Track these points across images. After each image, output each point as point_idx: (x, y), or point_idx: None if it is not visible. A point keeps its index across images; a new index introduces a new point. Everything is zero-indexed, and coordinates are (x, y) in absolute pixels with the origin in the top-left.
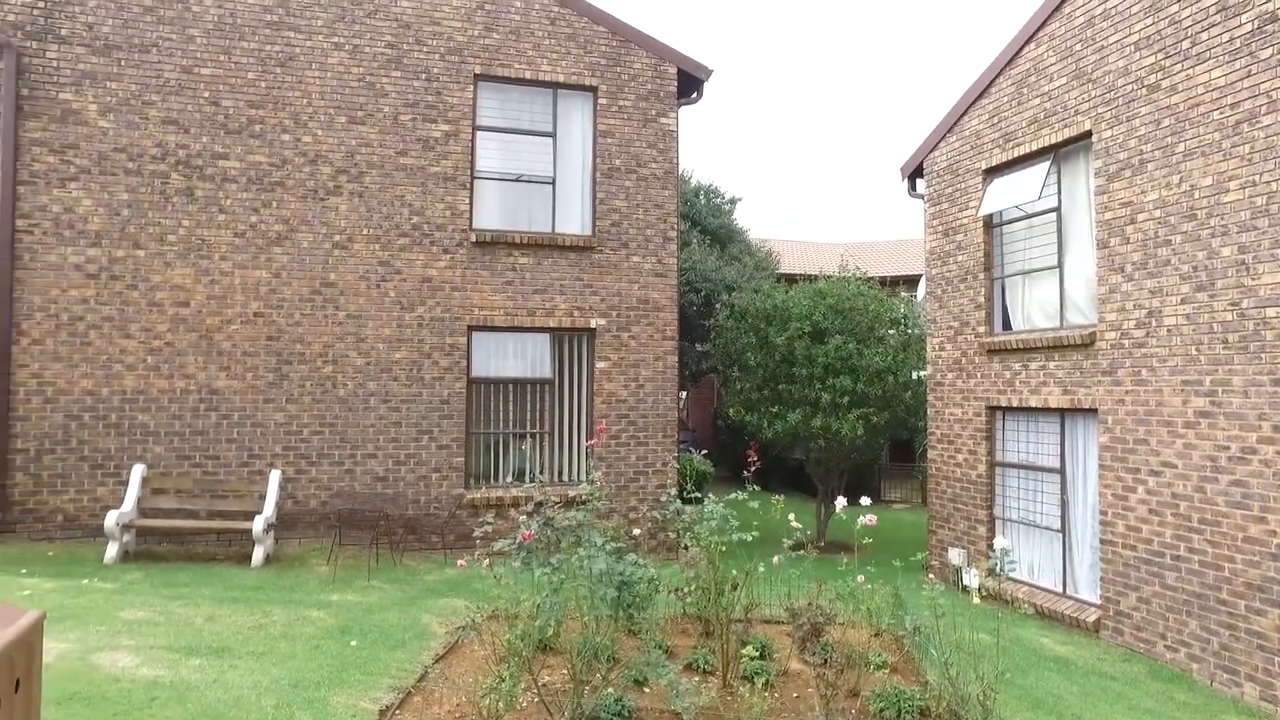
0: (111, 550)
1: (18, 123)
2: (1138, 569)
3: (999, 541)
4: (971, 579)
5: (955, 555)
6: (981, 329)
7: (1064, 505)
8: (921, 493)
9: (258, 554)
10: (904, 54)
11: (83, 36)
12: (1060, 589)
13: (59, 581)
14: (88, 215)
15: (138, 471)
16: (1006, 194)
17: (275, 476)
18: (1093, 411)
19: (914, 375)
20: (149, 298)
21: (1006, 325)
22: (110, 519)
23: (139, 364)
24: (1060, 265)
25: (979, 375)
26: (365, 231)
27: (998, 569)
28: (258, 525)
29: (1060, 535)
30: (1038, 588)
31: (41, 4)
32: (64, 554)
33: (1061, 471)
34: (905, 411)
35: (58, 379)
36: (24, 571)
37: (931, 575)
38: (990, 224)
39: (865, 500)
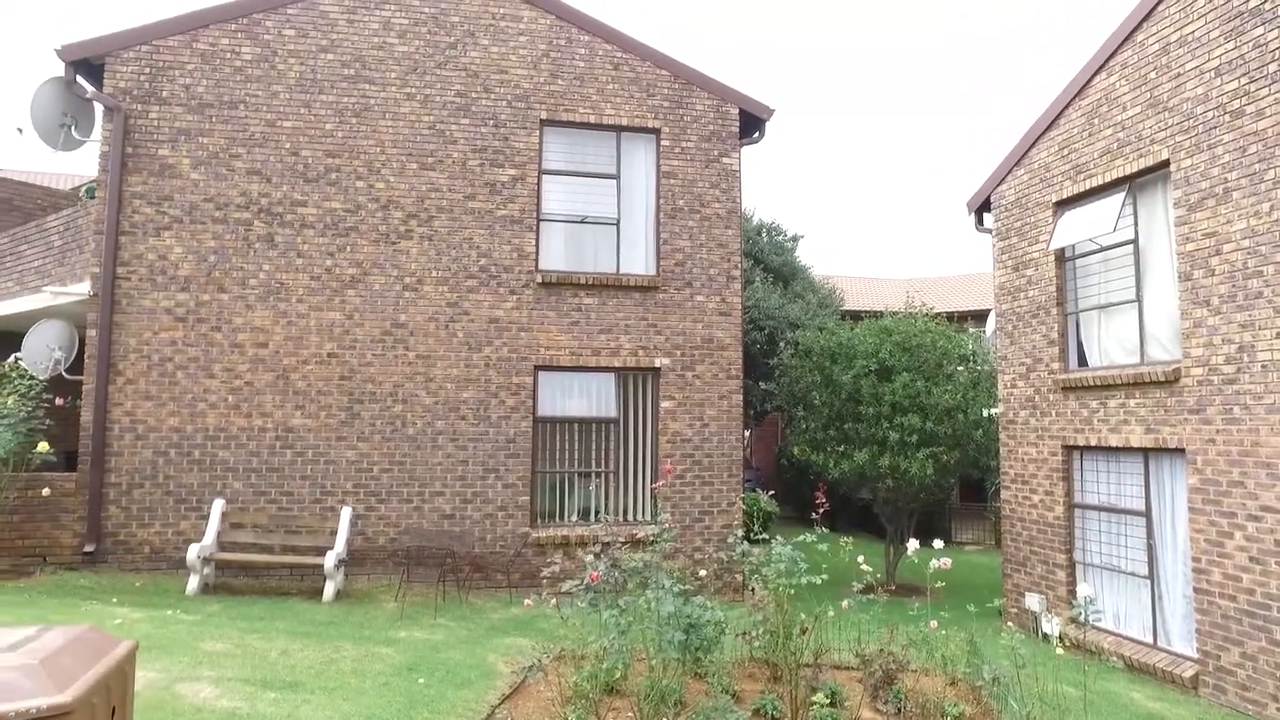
0: (193, 583)
1: (122, 178)
2: (1239, 621)
3: (1082, 589)
4: (1052, 626)
5: (1033, 601)
6: (1056, 365)
7: (1151, 550)
8: (994, 534)
9: (329, 589)
10: (968, 89)
11: (180, 97)
12: (1151, 640)
13: (145, 611)
14: (178, 262)
15: (218, 506)
16: (1079, 227)
17: (346, 513)
18: (1180, 451)
19: (985, 413)
20: (231, 339)
21: (1082, 361)
22: (192, 552)
23: (221, 403)
24: (1139, 299)
25: (1054, 413)
26: (434, 274)
27: (1081, 618)
28: (329, 561)
29: (1148, 582)
30: (1126, 638)
31: (147, 70)
32: (150, 585)
33: (1147, 515)
34: (976, 450)
35: (148, 417)
36: (115, 601)
37: (1010, 623)
38: (1062, 258)
39: (937, 543)
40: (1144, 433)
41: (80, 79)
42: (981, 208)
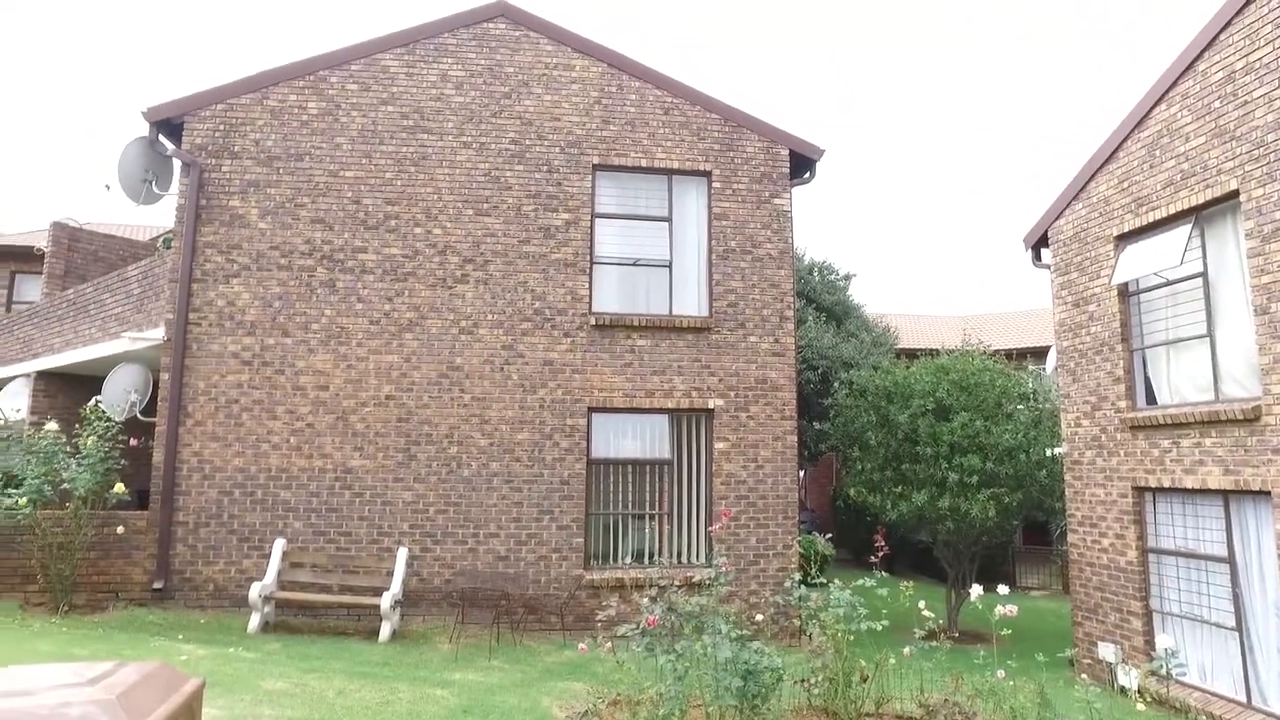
0: (254, 621)
1: (196, 228)
2: None
3: (1163, 640)
4: (1130, 679)
5: (1107, 651)
6: (1122, 404)
7: (1237, 600)
8: (1061, 579)
9: (385, 630)
10: (1020, 123)
11: (251, 151)
12: (1244, 698)
13: (209, 649)
14: (245, 307)
15: (279, 546)
16: (1143, 261)
17: (403, 554)
18: (1265, 494)
19: (1048, 453)
20: (294, 382)
21: (1151, 399)
22: (254, 591)
23: (283, 444)
24: (1211, 334)
25: (1122, 453)
26: (490, 317)
27: (1164, 671)
28: (385, 602)
29: (1236, 634)
30: (1214, 694)
31: (221, 127)
32: (213, 621)
33: (1231, 561)
34: (1040, 491)
35: (214, 457)
36: (181, 637)
37: (1084, 674)
38: (1126, 293)
39: (1002, 588)
40: (1223, 474)
41: (162, 138)
42: (1039, 243)
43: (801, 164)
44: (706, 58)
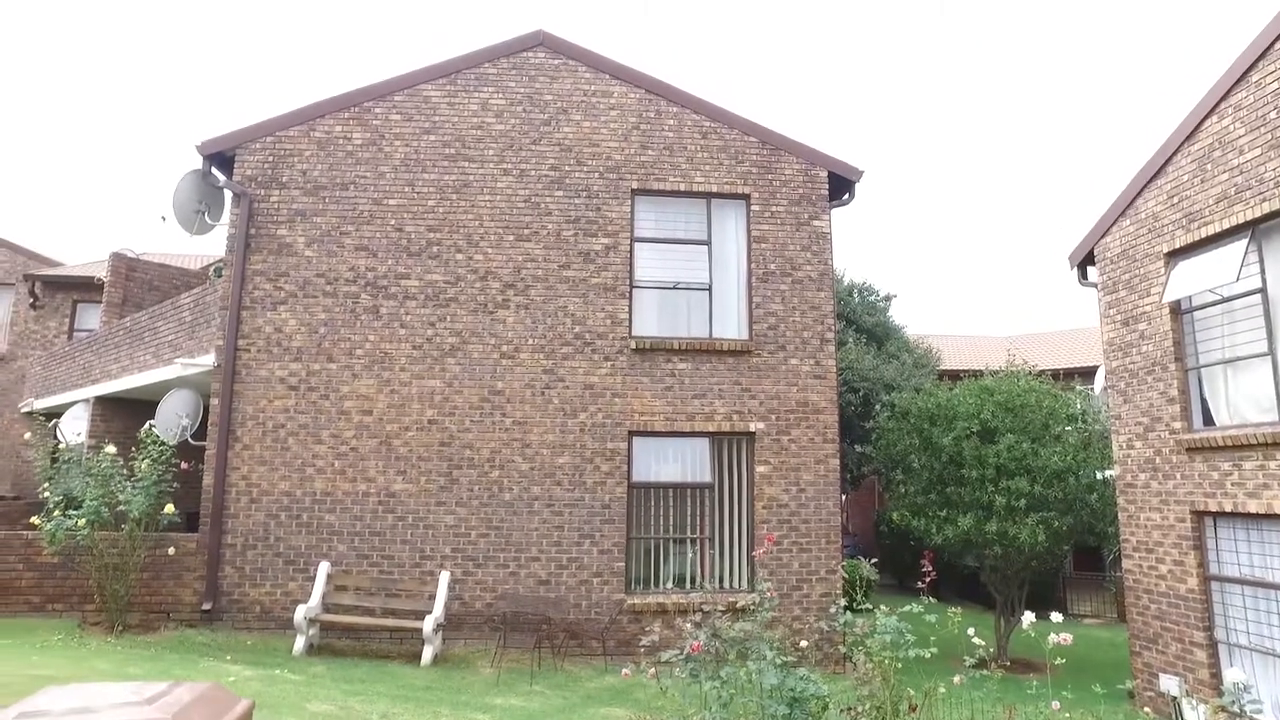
0: (299, 643)
1: (245, 257)
2: None
3: (1232, 674)
4: (1197, 714)
5: (1170, 684)
6: (1177, 425)
7: None
8: (1116, 606)
9: (427, 653)
10: (1061, 139)
11: (298, 181)
12: None
13: (256, 670)
14: (292, 334)
15: (324, 569)
16: (1196, 277)
17: (445, 578)
18: None
19: (1098, 475)
20: (338, 406)
21: (1208, 420)
22: (299, 613)
23: (328, 468)
24: (1273, 352)
25: (1178, 476)
26: (531, 341)
27: (1235, 707)
28: (428, 625)
29: None
30: None
31: (270, 158)
32: (260, 644)
33: None
34: (1091, 515)
35: (261, 481)
36: (229, 658)
37: (1146, 708)
38: (1178, 310)
39: (1055, 615)
40: None
41: (214, 170)
42: (1085, 261)
43: (840, 185)
44: (744, 76)
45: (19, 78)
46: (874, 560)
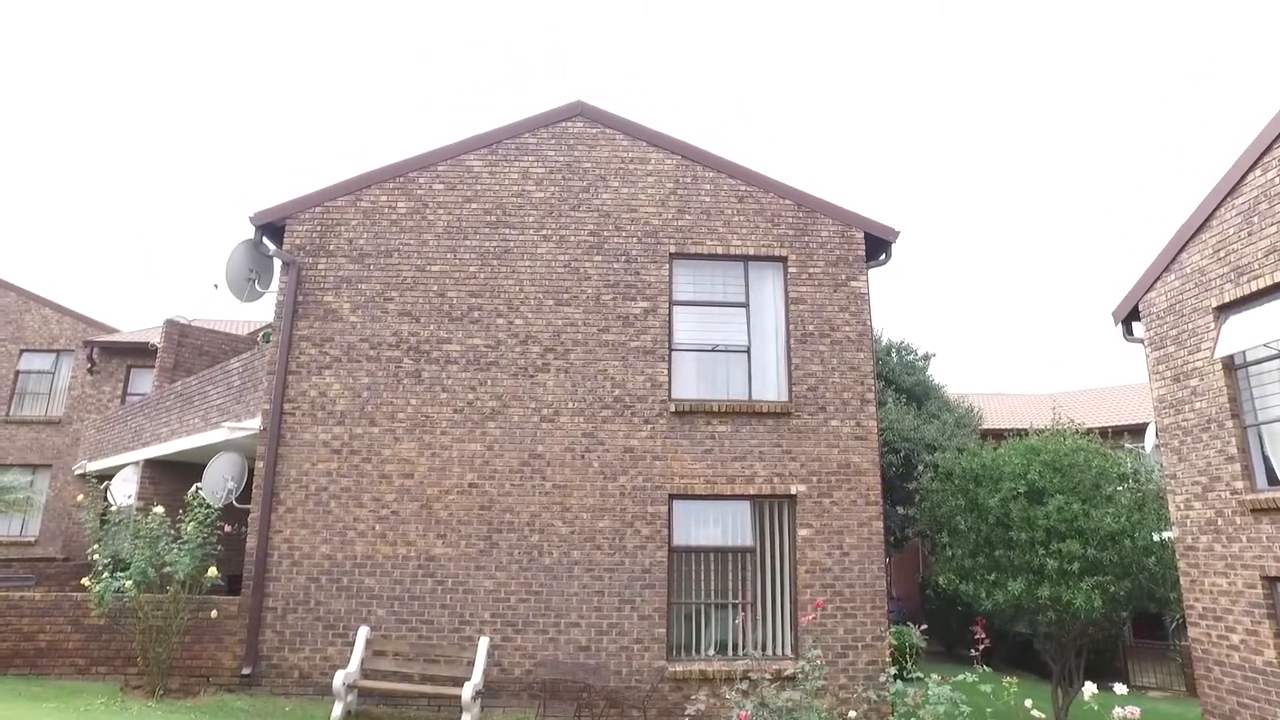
0: (337, 709)
1: (293, 323)
2: None
3: None
4: None
5: None
6: (1239, 484)
7: None
8: (1184, 678)
9: None
10: (1103, 192)
11: (345, 249)
12: None
13: None
14: (336, 398)
15: (363, 634)
16: (1250, 332)
17: (484, 644)
18: None
19: (1155, 537)
20: (380, 470)
21: (1272, 479)
22: (338, 679)
23: (369, 531)
24: None
25: (1244, 539)
26: (570, 405)
27: None
28: (466, 693)
29: None
30: None
31: (318, 227)
32: (298, 710)
33: None
34: (1150, 580)
35: (303, 544)
36: None
37: None
38: (1232, 366)
39: (1119, 687)
40: None
41: (265, 240)
42: (1129, 316)
43: (877, 246)
44: (778, 135)
45: (86, 155)
46: (923, 627)
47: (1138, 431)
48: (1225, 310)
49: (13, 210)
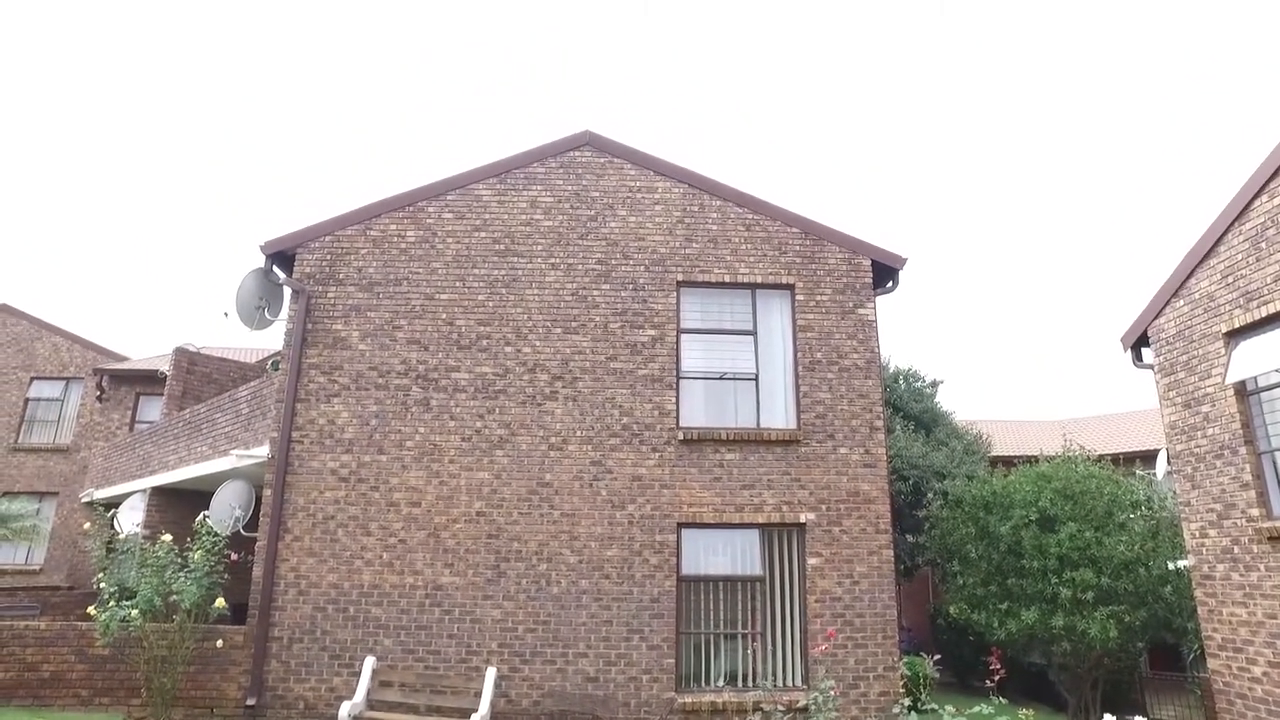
0: None
1: (302, 351)
2: None
3: None
4: None
5: None
6: (1255, 511)
7: None
8: (1204, 711)
9: None
10: (1109, 217)
11: (354, 278)
12: None
13: None
14: (344, 426)
15: (369, 664)
16: (1261, 357)
17: (491, 674)
18: None
19: (1170, 566)
20: (387, 498)
21: None
22: (343, 711)
23: (376, 560)
24: None
25: (1262, 567)
26: (578, 433)
27: None
28: None
29: None
30: None
31: (328, 256)
32: None
33: None
34: (1166, 609)
35: (310, 573)
36: None
37: None
38: (1243, 391)
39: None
40: None
41: (275, 268)
42: (1139, 342)
43: (884, 273)
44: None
45: (98, 186)
46: (937, 657)
47: (1148, 458)
48: (1235, 336)
49: (26, 239)
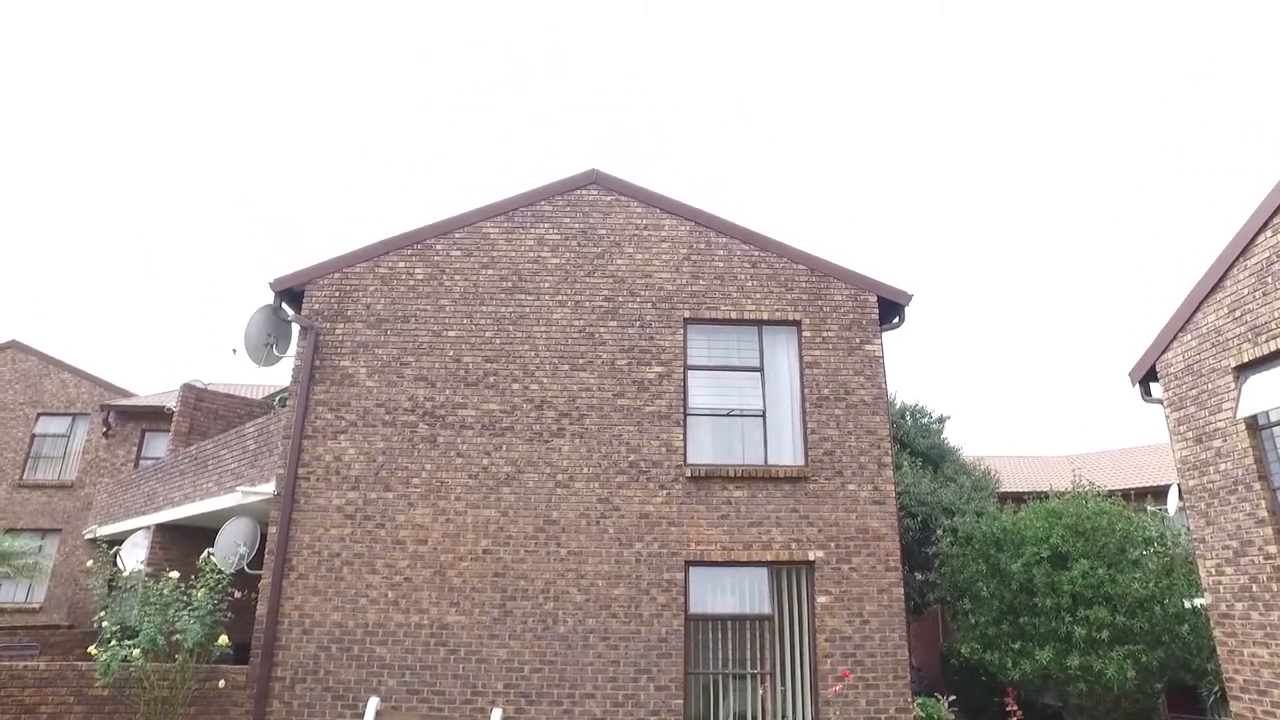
0: None
1: (309, 388)
2: None
3: None
4: None
5: None
6: (1272, 549)
7: None
8: None
9: None
10: (1114, 252)
11: (362, 314)
12: None
13: None
14: (351, 462)
15: (373, 705)
16: (1272, 392)
17: (497, 715)
18: None
19: (1186, 604)
20: (393, 536)
21: None
22: None
23: (381, 598)
24: None
25: None
26: (585, 470)
27: None
28: None
29: None
30: None
31: (337, 293)
32: None
33: None
34: (1184, 649)
35: (314, 611)
36: None
37: None
38: (1255, 426)
39: None
40: None
41: (284, 305)
42: (1147, 377)
43: (890, 309)
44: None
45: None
46: (952, 698)
47: (1159, 493)
48: (1245, 370)
49: (35, 272)
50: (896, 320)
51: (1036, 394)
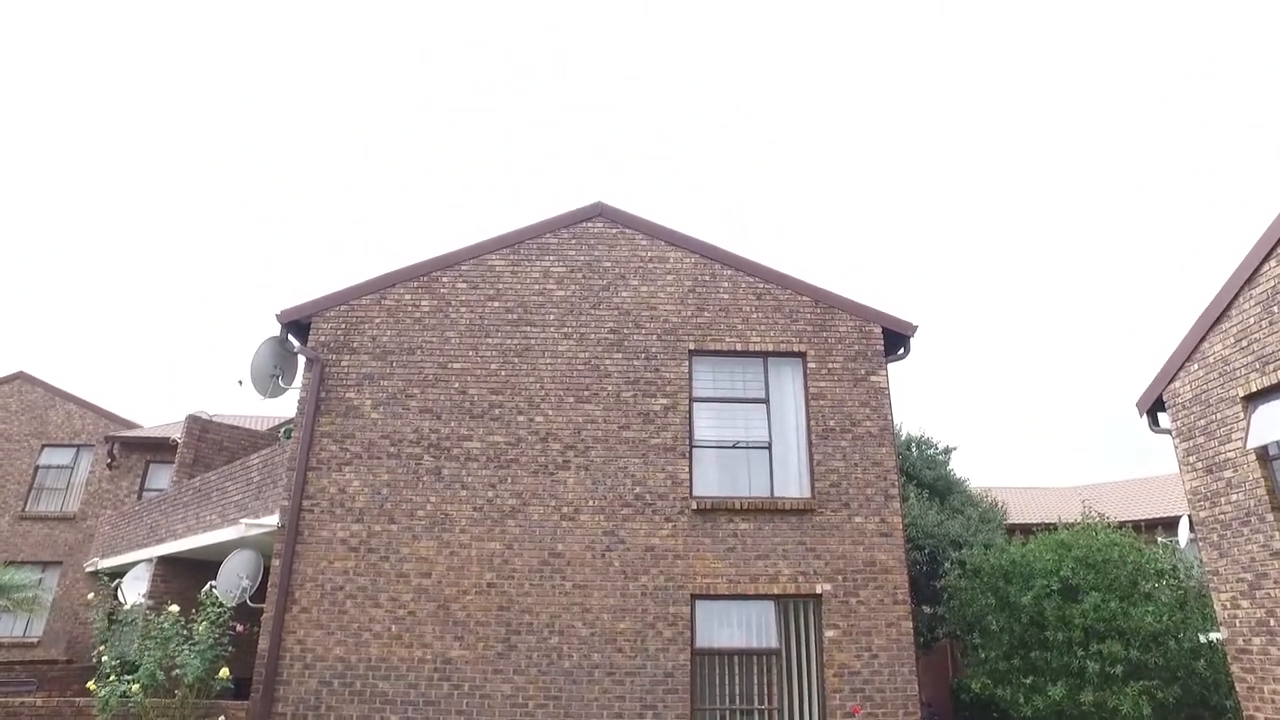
0: None
1: (315, 419)
2: None
3: None
4: None
5: None
6: None
7: None
8: None
9: None
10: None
11: (368, 346)
12: None
13: None
14: (355, 494)
15: None
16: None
17: None
18: None
19: (1202, 639)
20: (397, 569)
21: None
22: None
23: (384, 632)
24: None
25: None
26: (591, 503)
27: None
28: None
29: None
30: None
31: (343, 325)
32: None
33: None
34: (1201, 685)
35: (317, 645)
36: None
37: None
38: (1266, 456)
39: None
40: None
41: (290, 337)
42: (1155, 407)
43: (895, 340)
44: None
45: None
46: None
47: (1169, 525)
48: (1253, 400)
49: (38, 301)
50: (901, 351)
51: (1043, 424)
